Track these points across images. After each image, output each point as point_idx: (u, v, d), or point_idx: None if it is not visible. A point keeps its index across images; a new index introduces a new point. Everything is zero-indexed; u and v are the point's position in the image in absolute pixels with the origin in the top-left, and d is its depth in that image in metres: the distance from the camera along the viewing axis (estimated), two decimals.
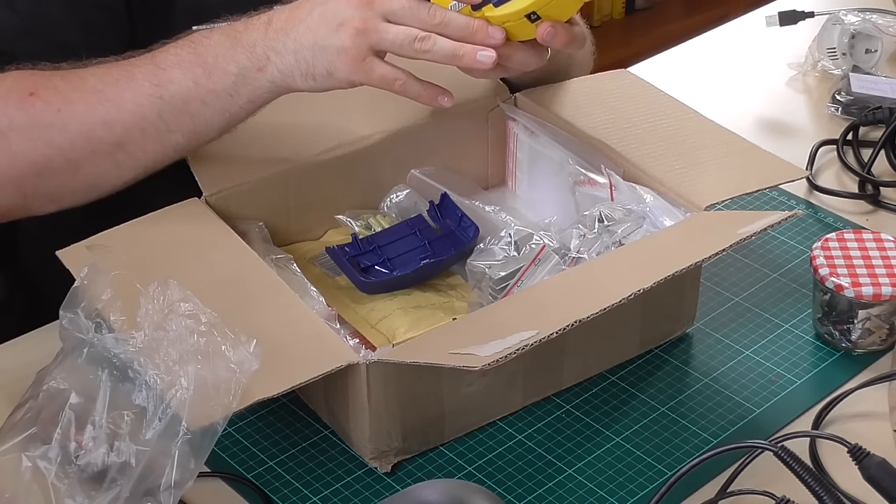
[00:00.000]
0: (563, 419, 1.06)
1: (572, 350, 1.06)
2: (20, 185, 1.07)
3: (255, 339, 0.88)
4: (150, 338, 0.88)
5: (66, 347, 0.91)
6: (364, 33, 1.02)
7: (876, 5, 1.65)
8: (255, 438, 1.04)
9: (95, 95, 1.06)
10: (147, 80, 1.06)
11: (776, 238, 1.27)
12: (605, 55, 1.40)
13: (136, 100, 1.05)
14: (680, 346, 1.14)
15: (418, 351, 0.98)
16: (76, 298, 0.91)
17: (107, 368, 0.89)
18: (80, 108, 1.06)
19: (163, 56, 1.07)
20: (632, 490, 0.99)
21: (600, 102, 1.25)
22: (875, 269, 1.11)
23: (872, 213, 1.32)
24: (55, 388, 0.89)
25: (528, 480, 1.00)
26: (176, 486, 0.85)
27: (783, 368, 1.11)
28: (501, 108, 1.25)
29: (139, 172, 1.08)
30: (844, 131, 1.43)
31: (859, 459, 0.92)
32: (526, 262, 1.09)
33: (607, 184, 1.14)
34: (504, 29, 1.03)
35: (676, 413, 1.07)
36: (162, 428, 0.86)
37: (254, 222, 1.13)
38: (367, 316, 1.11)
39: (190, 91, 1.05)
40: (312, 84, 1.05)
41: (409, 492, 0.89)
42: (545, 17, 1.03)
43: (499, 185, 1.29)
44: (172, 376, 0.86)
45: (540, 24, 1.03)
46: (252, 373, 0.87)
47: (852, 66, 1.54)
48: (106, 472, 0.86)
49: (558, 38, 1.04)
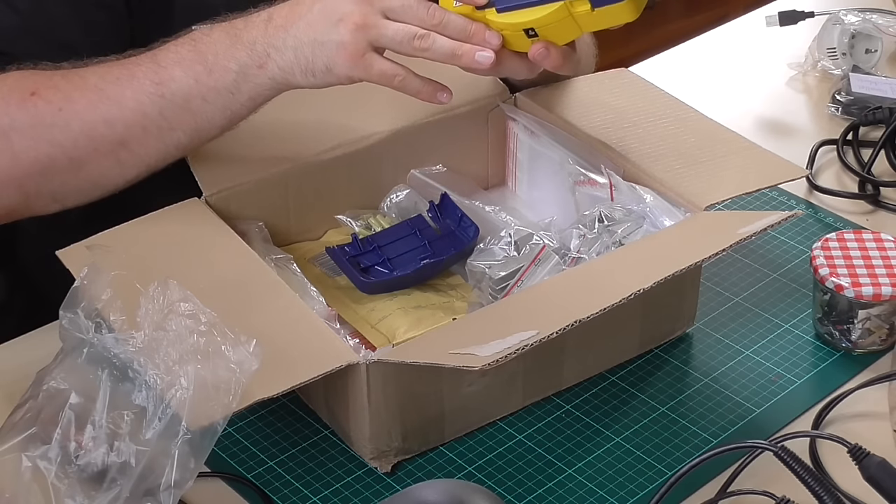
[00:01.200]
0: (563, 419, 1.06)
1: (572, 350, 1.06)
2: (23, 185, 1.07)
3: (255, 339, 0.88)
4: (150, 338, 0.88)
5: (66, 347, 0.91)
6: (363, 29, 1.02)
7: (876, 5, 1.65)
8: (255, 438, 1.04)
9: (96, 94, 1.06)
10: (148, 78, 1.06)
11: (776, 238, 1.27)
12: (605, 55, 1.40)
13: (137, 98, 1.05)
14: (680, 346, 1.14)
15: (418, 351, 0.98)
16: (76, 298, 0.91)
17: (107, 368, 0.89)
18: (81, 106, 1.06)
19: (163, 54, 1.07)
20: (632, 490, 0.99)
21: (600, 102, 1.24)
22: (875, 269, 1.11)
23: (872, 213, 1.32)
24: (55, 387, 0.89)
25: (528, 480, 1.00)
26: (176, 486, 0.85)
27: (783, 368, 1.11)
28: (501, 108, 1.25)
29: (142, 170, 1.08)
30: (844, 131, 1.43)
31: (859, 459, 0.92)
32: (526, 262, 1.09)
33: (607, 184, 1.14)
34: (501, 35, 1.04)
35: (676, 413, 1.07)
36: (162, 428, 0.86)
37: (254, 222, 1.13)
38: (367, 316, 1.11)
39: (191, 89, 1.05)
40: (312, 80, 1.05)
41: (409, 492, 0.89)
42: (542, 36, 1.03)
43: (499, 185, 1.29)
44: (172, 376, 0.86)
45: (535, 42, 1.04)
46: (252, 373, 0.87)
47: (852, 66, 1.54)
48: (106, 472, 0.86)
49: (549, 60, 1.05)
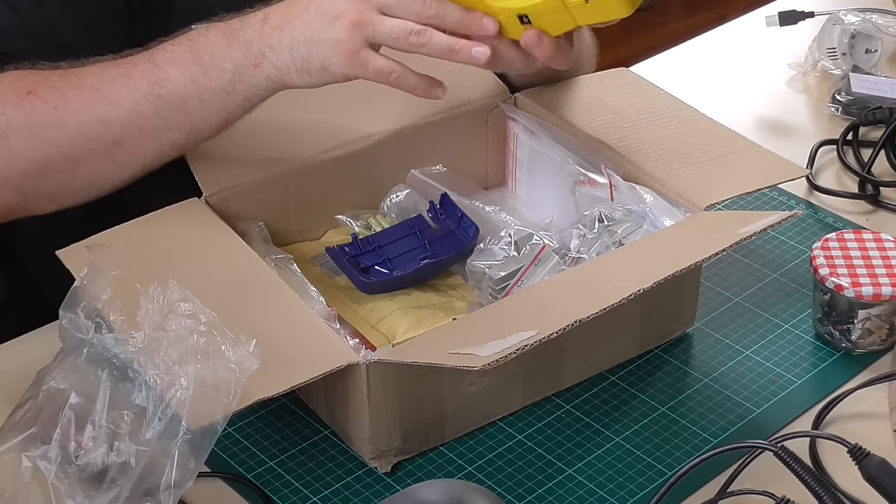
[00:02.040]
0: (563, 419, 1.06)
1: (572, 350, 1.06)
2: (20, 185, 1.07)
3: (255, 339, 0.88)
4: (150, 338, 0.88)
5: (66, 347, 0.91)
6: (359, 26, 1.02)
7: (876, 5, 1.65)
8: (255, 438, 1.04)
9: (93, 93, 1.06)
10: (144, 77, 1.06)
11: (776, 238, 1.27)
12: (605, 55, 1.40)
13: (133, 97, 1.05)
14: (680, 346, 1.14)
15: (418, 351, 0.98)
16: (76, 298, 0.91)
17: (107, 368, 0.89)
18: (77, 105, 1.06)
19: (160, 54, 1.07)
20: (632, 490, 0.99)
21: (600, 102, 1.24)
22: (875, 269, 1.10)
23: (872, 213, 1.32)
24: (55, 387, 0.89)
25: (528, 480, 1.00)
26: (176, 486, 0.85)
27: (783, 368, 1.11)
28: (501, 108, 1.25)
29: (138, 170, 1.08)
30: (844, 131, 1.42)
31: (859, 459, 0.92)
32: (526, 262, 1.09)
33: (607, 184, 1.14)
34: (498, 21, 1.04)
35: (676, 413, 1.07)
36: (162, 428, 0.86)
37: (254, 222, 1.13)
38: (367, 316, 1.11)
39: (187, 89, 1.05)
40: (308, 79, 1.05)
41: (409, 492, 0.89)
42: (535, 24, 1.03)
43: (499, 185, 1.29)
44: (172, 376, 0.86)
45: (528, 29, 1.04)
46: (252, 372, 0.87)
47: (852, 66, 1.54)
48: (106, 472, 0.86)
49: (541, 49, 1.04)
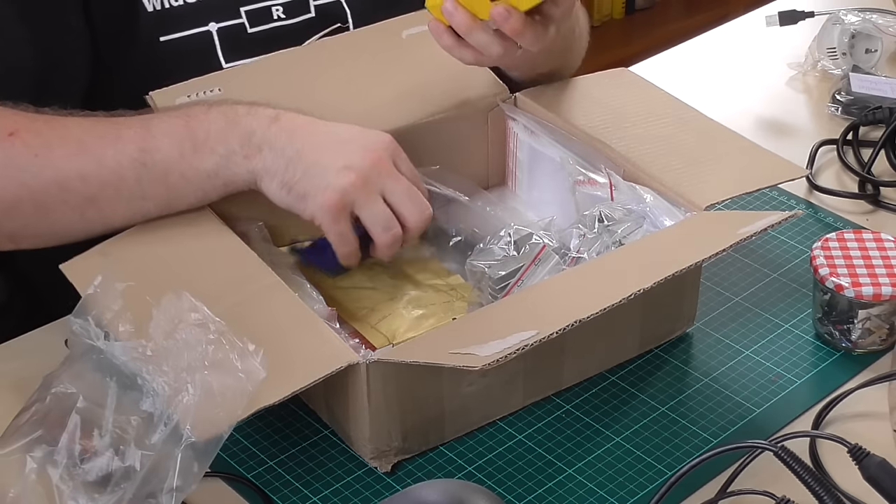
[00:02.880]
0: (563, 419, 1.06)
1: (572, 350, 1.06)
2: None
3: (257, 341, 0.88)
4: (158, 346, 0.88)
5: (75, 353, 0.91)
6: (361, 191, 1.03)
7: (876, 5, 1.65)
8: (255, 438, 1.04)
9: (77, 146, 1.05)
10: (134, 142, 1.05)
11: (776, 238, 1.27)
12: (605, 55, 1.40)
13: (117, 159, 1.04)
14: (680, 346, 1.14)
15: (418, 351, 0.98)
16: (87, 307, 0.91)
17: (115, 375, 0.89)
18: (58, 156, 1.04)
19: (155, 122, 1.06)
20: (632, 490, 0.99)
21: (600, 102, 1.24)
22: (875, 269, 1.11)
23: (872, 213, 1.32)
24: (62, 391, 0.89)
25: (528, 480, 1.00)
26: (178, 490, 0.85)
27: (783, 368, 1.11)
28: (501, 108, 1.25)
29: (104, 230, 1.07)
30: (844, 131, 1.43)
31: (859, 459, 0.92)
32: (526, 262, 1.09)
33: (607, 184, 1.14)
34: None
35: (676, 413, 1.07)
36: (167, 433, 0.86)
37: (254, 222, 1.13)
38: (367, 316, 1.11)
39: (174, 163, 1.04)
40: (281, 196, 1.05)
41: (409, 492, 0.89)
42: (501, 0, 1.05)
43: (499, 185, 1.29)
44: (179, 384, 0.86)
45: (496, 5, 1.05)
46: (259, 382, 0.87)
47: (852, 66, 1.54)
48: (110, 476, 0.86)
49: (510, 24, 1.05)
